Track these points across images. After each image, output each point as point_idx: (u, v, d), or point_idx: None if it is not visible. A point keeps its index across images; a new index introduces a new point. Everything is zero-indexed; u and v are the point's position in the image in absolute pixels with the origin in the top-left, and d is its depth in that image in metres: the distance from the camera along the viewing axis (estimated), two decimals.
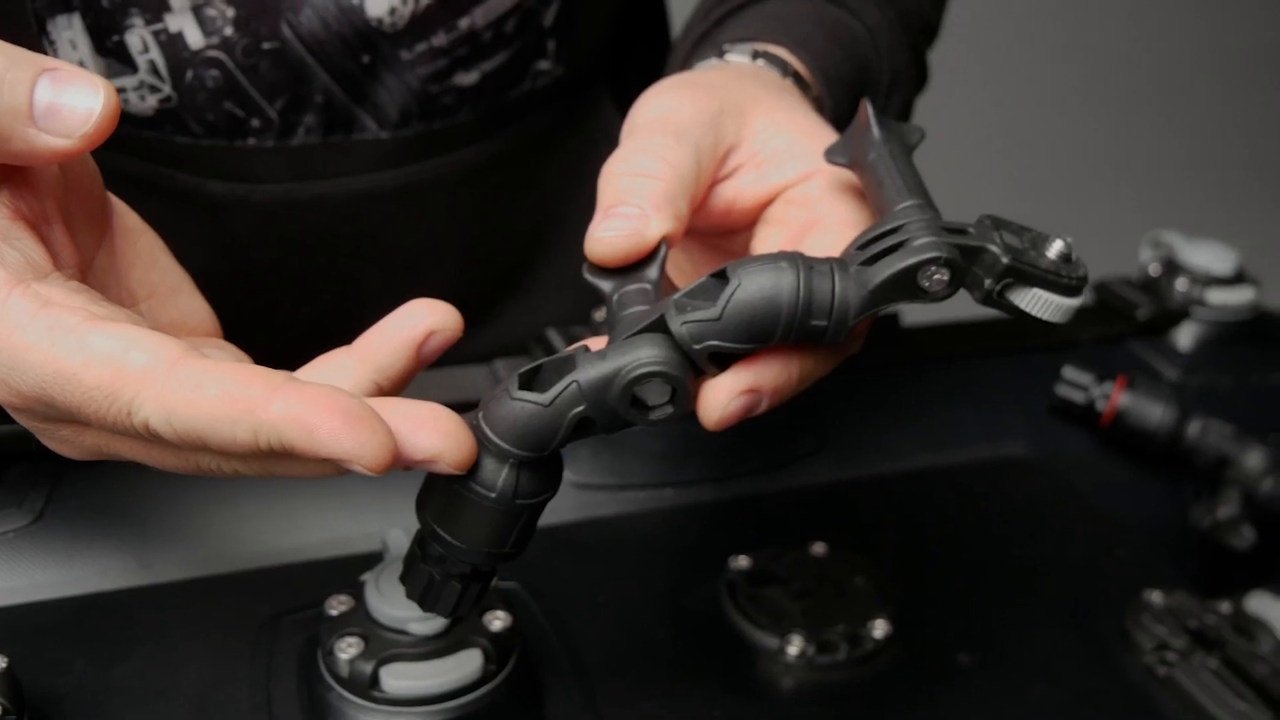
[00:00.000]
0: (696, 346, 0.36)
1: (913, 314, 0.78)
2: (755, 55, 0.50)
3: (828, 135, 0.44)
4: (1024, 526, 0.63)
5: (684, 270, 0.48)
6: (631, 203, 0.39)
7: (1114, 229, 2.07)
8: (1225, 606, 0.67)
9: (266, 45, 0.59)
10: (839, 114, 0.53)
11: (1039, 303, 0.37)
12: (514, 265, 0.74)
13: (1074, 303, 0.38)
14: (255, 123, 0.61)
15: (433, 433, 0.34)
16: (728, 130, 0.43)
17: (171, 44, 0.58)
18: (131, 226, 0.42)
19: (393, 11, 0.59)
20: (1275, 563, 0.70)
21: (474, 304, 0.62)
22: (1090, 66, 3.09)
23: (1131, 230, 1.19)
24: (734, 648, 0.52)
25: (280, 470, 0.36)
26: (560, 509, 0.58)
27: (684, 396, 0.36)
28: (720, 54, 0.51)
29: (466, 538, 0.37)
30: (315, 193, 0.63)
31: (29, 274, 0.35)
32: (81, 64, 0.58)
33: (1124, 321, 0.77)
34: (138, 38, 0.57)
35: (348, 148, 0.63)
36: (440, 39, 0.61)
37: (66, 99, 0.34)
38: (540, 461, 0.37)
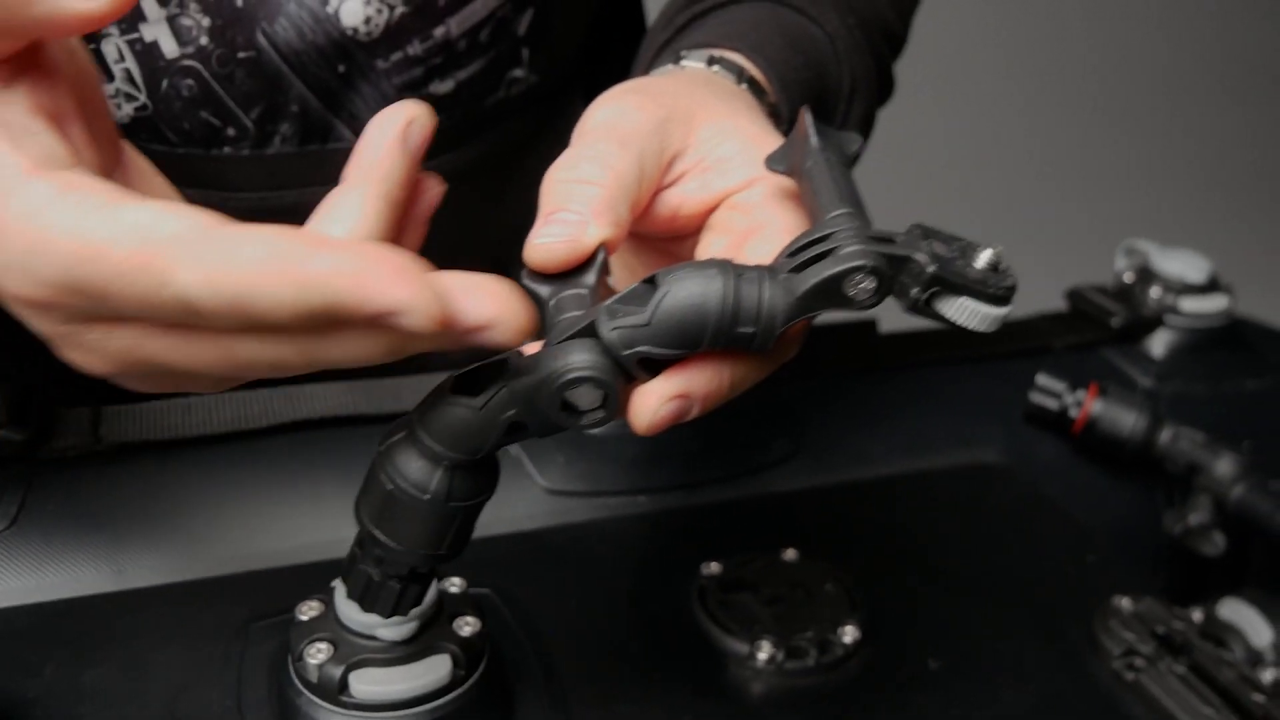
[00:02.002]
0: (626, 352, 0.36)
1: (888, 321, 0.78)
2: (711, 61, 0.51)
3: (774, 141, 0.44)
4: (996, 532, 0.63)
5: (635, 273, 0.48)
6: (571, 209, 0.39)
7: (1089, 237, 2.09)
8: (1197, 613, 0.68)
9: (242, 54, 0.59)
10: (795, 120, 0.54)
11: (965, 312, 0.37)
12: (491, 270, 0.74)
13: (1000, 312, 0.38)
14: (231, 131, 0.61)
15: (488, 298, 0.32)
16: (674, 136, 0.43)
17: (147, 53, 0.58)
18: (144, 168, 0.41)
19: (368, 21, 0.60)
20: (1246, 569, 0.70)
21: None
22: (1066, 76, 3.11)
23: (1106, 239, 1.20)
24: (704, 653, 0.52)
25: (324, 352, 0.33)
26: (533, 515, 0.59)
27: (614, 402, 0.36)
28: (677, 60, 0.52)
29: (403, 539, 0.38)
30: (291, 201, 0.64)
31: (50, 164, 0.34)
32: None
33: (1098, 329, 0.78)
34: (113, 47, 0.58)
35: (324, 156, 0.63)
36: (415, 48, 0.62)
37: None
38: (474, 464, 0.37)
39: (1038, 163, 2.91)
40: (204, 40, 0.58)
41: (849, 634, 0.53)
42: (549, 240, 0.39)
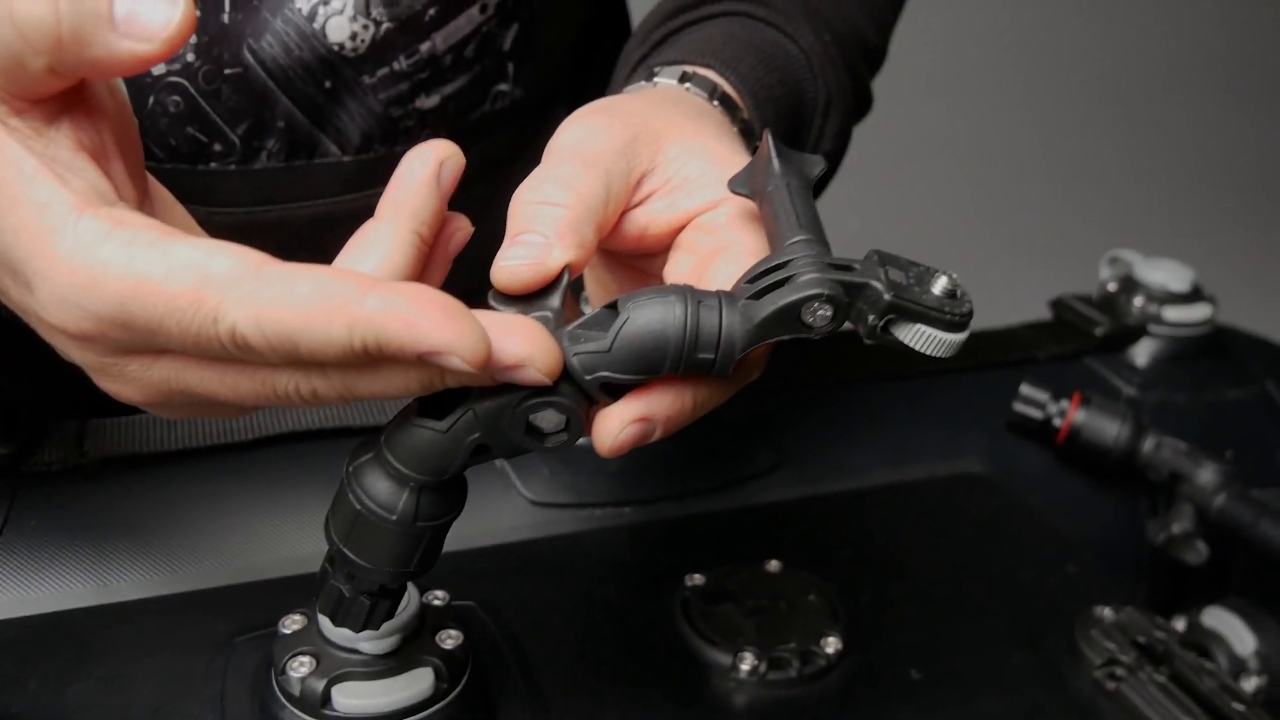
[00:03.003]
0: (588, 377, 0.36)
1: None
2: (684, 77, 0.51)
3: (741, 161, 0.44)
4: (978, 542, 0.64)
5: (609, 289, 0.48)
6: (536, 231, 0.39)
7: (1073, 247, 2.09)
8: (1181, 622, 0.68)
9: (228, 71, 0.59)
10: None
11: (922, 338, 0.38)
12: (477, 284, 0.74)
13: (958, 337, 0.38)
14: (218, 147, 0.61)
15: (522, 337, 0.34)
16: (641, 156, 0.43)
17: None
18: (167, 199, 0.42)
19: (354, 37, 0.60)
20: (1229, 578, 0.71)
21: None
22: (1049, 88, 3.13)
23: (1090, 249, 1.21)
24: (687, 665, 0.52)
25: (361, 386, 0.34)
26: (516, 527, 0.59)
27: (577, 425, 0.37)
28: (650, 77, 0.52)
29: (371, 558, 0.38)
30: (277, 216, 0.64)
31: (97, 200, 0.34)
32: None
33: (1082, 338, 0.78)
34: None
35: (310, 171, 0.63)
36: (401, 63, 0.62)
37: (145, 5, 0.33)
38: (441, 485, 0.38)
39: (1022, 173, 2.92)
40: (190, 57, 0.58)
41: (831, 645, 0.53)
42: (514, 263, 0.39)
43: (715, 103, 0.50)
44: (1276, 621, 0.66)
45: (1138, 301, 0.78)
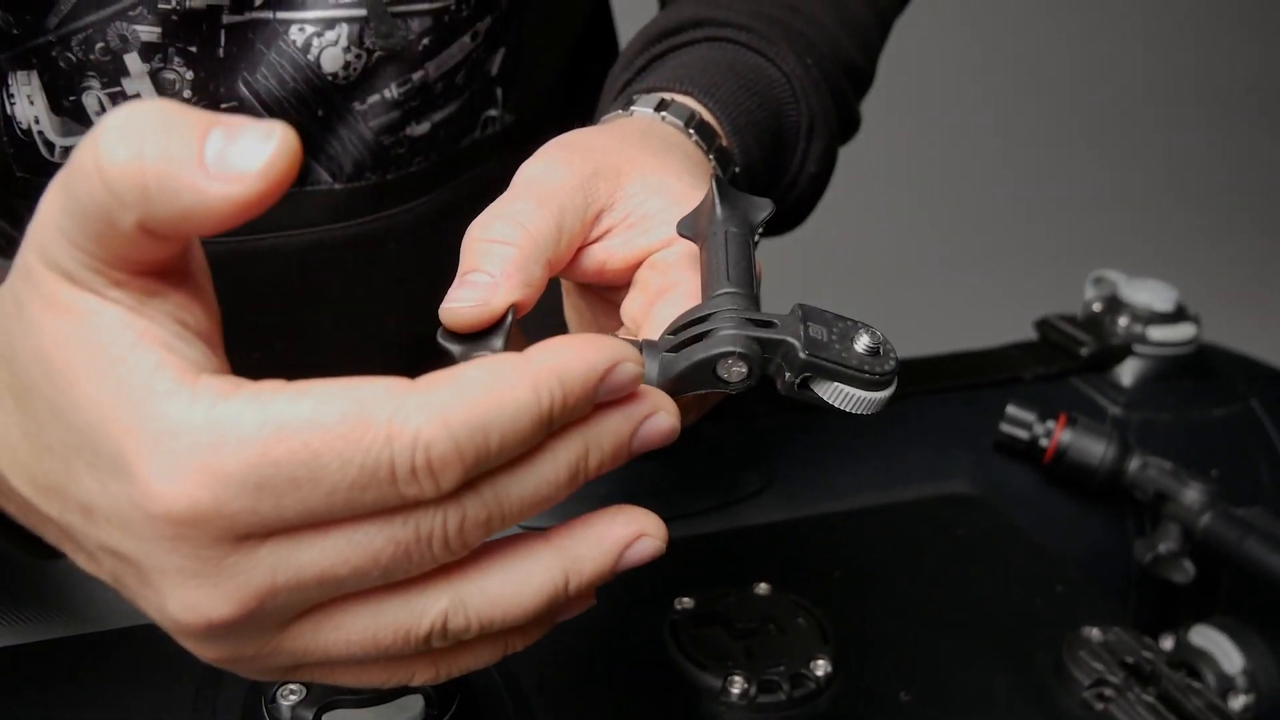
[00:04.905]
0: None
1: None
2: (661, 104, 0.51)
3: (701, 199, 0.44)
4: (966, 563, 0.64)
5: (583, 316, 0.49)
6: (483, 270, 0.40)
7: (1057, 267, 2.10)
8: (1169, 641, 0.68)
9: (225, 105, 0.59)
10: (749, 161, 0.54)
11: (840, 396, 0.38)
12: None
13: (879, 396, 0.38)
14: None
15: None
16: (600, 192, 0.43)
17: None
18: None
19: (346, 66, 0.60)
20: (1216, 597, 0.71)
21: (427, 351, 0.62)
22: (1034, 108, 3.15)
23: (1075, 269, 1.21)
24: (677, 688, 0.52)
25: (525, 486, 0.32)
26: None
27: None
28: (629, 104, 0.52)
29: None
30: (269, 244, 0.64)
31: (210, 369, 0.31)
32: (37, 119, 0.59)
33: (1068, 358, 0.78)
34: (94, 99, 0.58)
35: (301, 199, 0.64)
36: (392, 91, 0.62)
37: (240, 144, 0.29)
38: None
39: (1006, 194, 2.94)
40: (187, 93, 0.59)
41: (821, 667, 0.53)
42: (459, 305, 0.40)
43: (691, 130, 0.50)
44: (1263, 640, 0.66)
45: (1122, 321, 0.79)
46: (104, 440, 0.29)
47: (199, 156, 0.28)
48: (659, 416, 0.33)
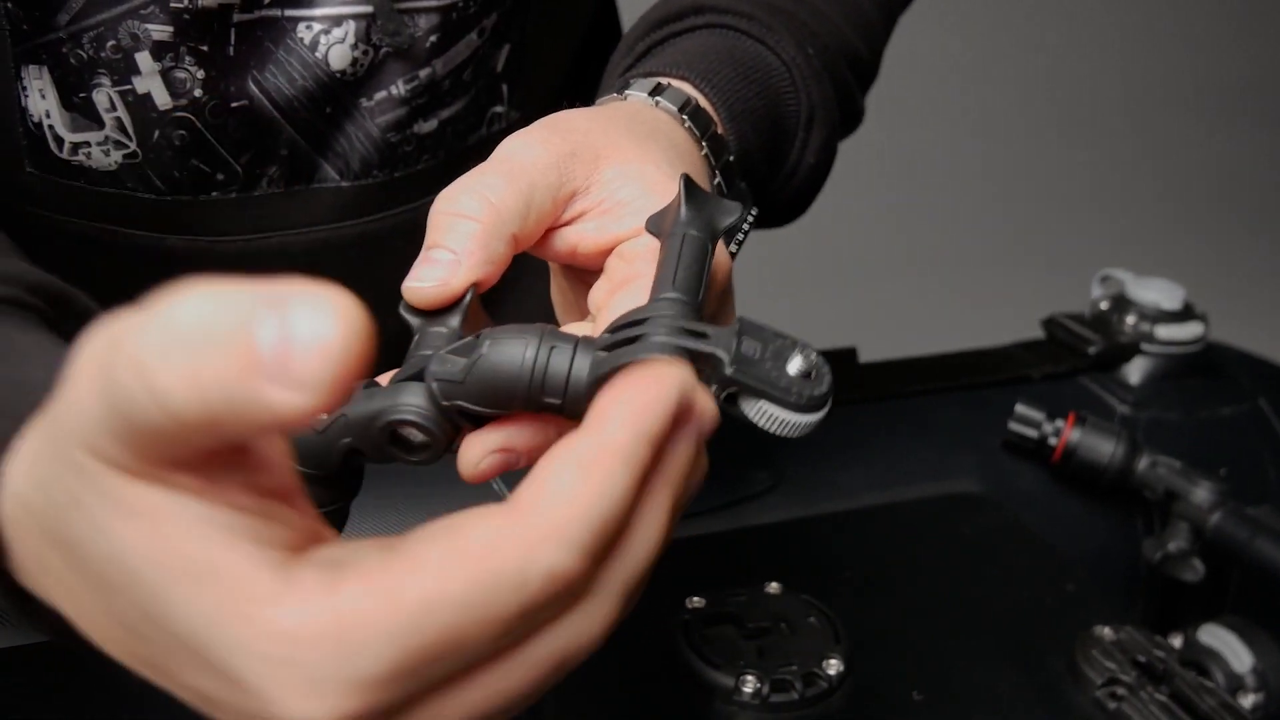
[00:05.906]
0: (445, 403, 0.37)
1: (868, 351, 0.79)
2: (657, 89, 0.50)
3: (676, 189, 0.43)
4: (976, 562, 0.64)
5: (568, 297, 0.48)
6: (446, 246, 0.40)
7: (1065, 266, 2.10)
8: (1178, 640, 0.68)
9: (235, 104, 0.59)
10: (745, 149, 0.53)
11: (765, 415, 0.37)
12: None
13: (807, 419, 0.37)
14: (220, 177, 0.61)
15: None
16: (575, 174, 0.43)
17: (139, 104, 0.58)
18: None
19: (354, 63, 0.60)
20: (1225, 595, 0.71)
21: None
22: (1040, 107, 3.15)
23: (1082, 268, 1.21)
24: (689, 687, 0.52)
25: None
26: None
27: (439, 445, 0.37)
28: (624, 88, 0.51)
29: None
30: (277, 243, 0.64)
31: (301, 544, 0.29)
32: (48, 114, 0.59)
33: (1076, 357, 0.78)
34: (105, 96, 0.58)
35: (309, 196, 0.63)
36: (399, 88, 0.62)
37: (300, 329, 0.25)
38: (324, 478, 0.39)
39: (1013, 192, 2.94)
40: (197, 92, 0.58)
41: (833, 666, 0.53)
42: (420, 285, 0.40)
43: (685, 116, 0.50)
44: (1273, 638, 0.66)
45: (1130, 320, 0.79)
46: (215, 655, 0.27)
47: (254, 361, 0.25)
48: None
